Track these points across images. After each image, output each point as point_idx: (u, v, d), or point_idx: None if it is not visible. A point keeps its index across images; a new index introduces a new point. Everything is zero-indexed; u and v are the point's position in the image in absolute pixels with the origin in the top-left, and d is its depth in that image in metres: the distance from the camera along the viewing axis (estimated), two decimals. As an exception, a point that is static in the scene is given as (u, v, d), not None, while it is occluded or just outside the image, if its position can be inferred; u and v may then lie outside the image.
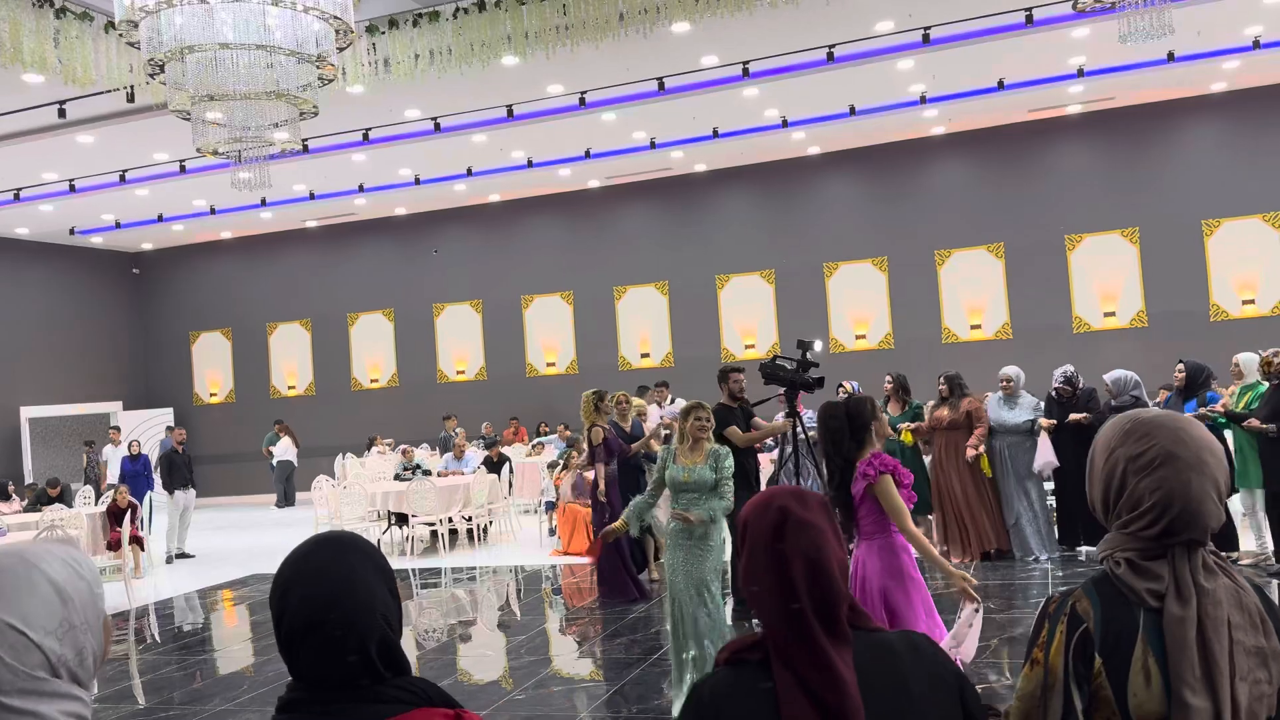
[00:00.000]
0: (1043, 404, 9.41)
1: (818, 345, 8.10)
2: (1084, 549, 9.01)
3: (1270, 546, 8.15)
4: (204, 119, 8.21)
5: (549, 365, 18.70)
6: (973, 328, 16.31)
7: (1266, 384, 7.97)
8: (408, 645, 8.28)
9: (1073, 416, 8.84)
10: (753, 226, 17.50)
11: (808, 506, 1.61)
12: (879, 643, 1.61)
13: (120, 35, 7.10)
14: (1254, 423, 7.58)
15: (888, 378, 9.97)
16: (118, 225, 18.66)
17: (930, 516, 9.56)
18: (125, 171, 14.89)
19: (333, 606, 1.49)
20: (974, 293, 16.30)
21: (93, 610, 1.38)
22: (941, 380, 9.57)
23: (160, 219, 18.33)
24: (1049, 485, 9.49)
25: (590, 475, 10.03)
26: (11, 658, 1.29)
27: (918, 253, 16.56)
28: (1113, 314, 15.67)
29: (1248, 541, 8.61)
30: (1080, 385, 9.22)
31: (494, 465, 13.53)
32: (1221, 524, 1.71)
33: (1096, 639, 1.63)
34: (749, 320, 17.46)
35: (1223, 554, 1.72)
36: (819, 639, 1.53)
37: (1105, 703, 1.62)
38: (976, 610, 4.19)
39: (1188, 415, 1.77)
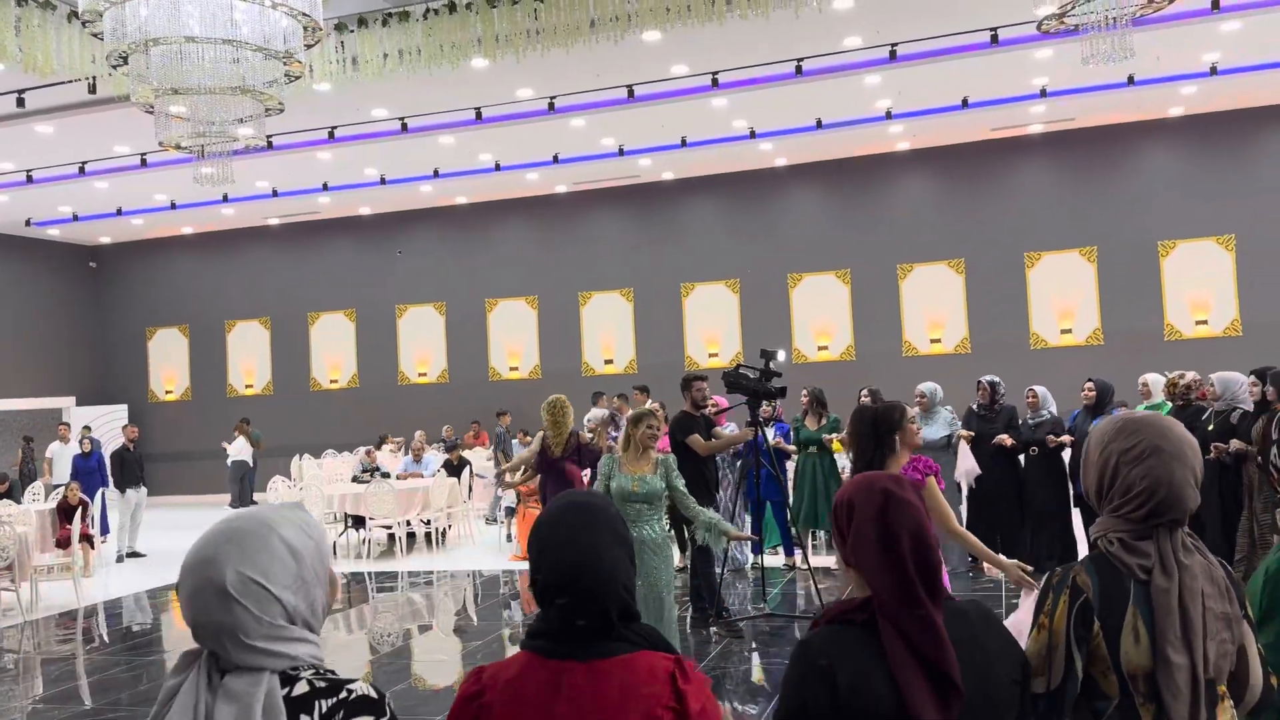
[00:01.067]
0: (958, 419, 9.49)
1: (781, 355, 8.16)
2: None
3: None
4: (167, 112, 8.12)
5: (512, 369, 18.65)
6: (933, 341, 16.49)
7: (1170, 404, 8.26)
8: (361, 649, 8.22)
9: (1000, 439, 8.91)
10: (719, 235, 17.58)
11: (904, 488, 1.85)
12: (955, 609, 1.85)
13: (84, 25, 7.00)
14: None
15: (804, 392, 10.07)
16: (75, 218, 18.37)
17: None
18: (85, 163, 14.67)
19: (578, 578, 1.70)
20: (935, 307, 16.48)
21: (321, 566, 1.61)
22: (865, 393, 9.69)
23: (119, 212, 18.07)
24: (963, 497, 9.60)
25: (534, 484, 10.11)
26: (257, 609, 1.51)
27: (880, 266, 16.72)
28: (1069, 331, 15.91)
29: None
30: (1002, 400, 9.29)
31: (454, 469, 13.46)
32: (1198, 506, 1.98)
33: (1095, 606, 1.92)
34: (713, 328, 17.52)
35: (1195, 535, 2.00)
36: (924, 601, 1.75)
37: (1101, 659, 1.92)
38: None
39: (1167, 416, 2.05)
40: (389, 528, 12.20)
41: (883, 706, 1.70)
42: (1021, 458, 9.15)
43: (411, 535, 12.65)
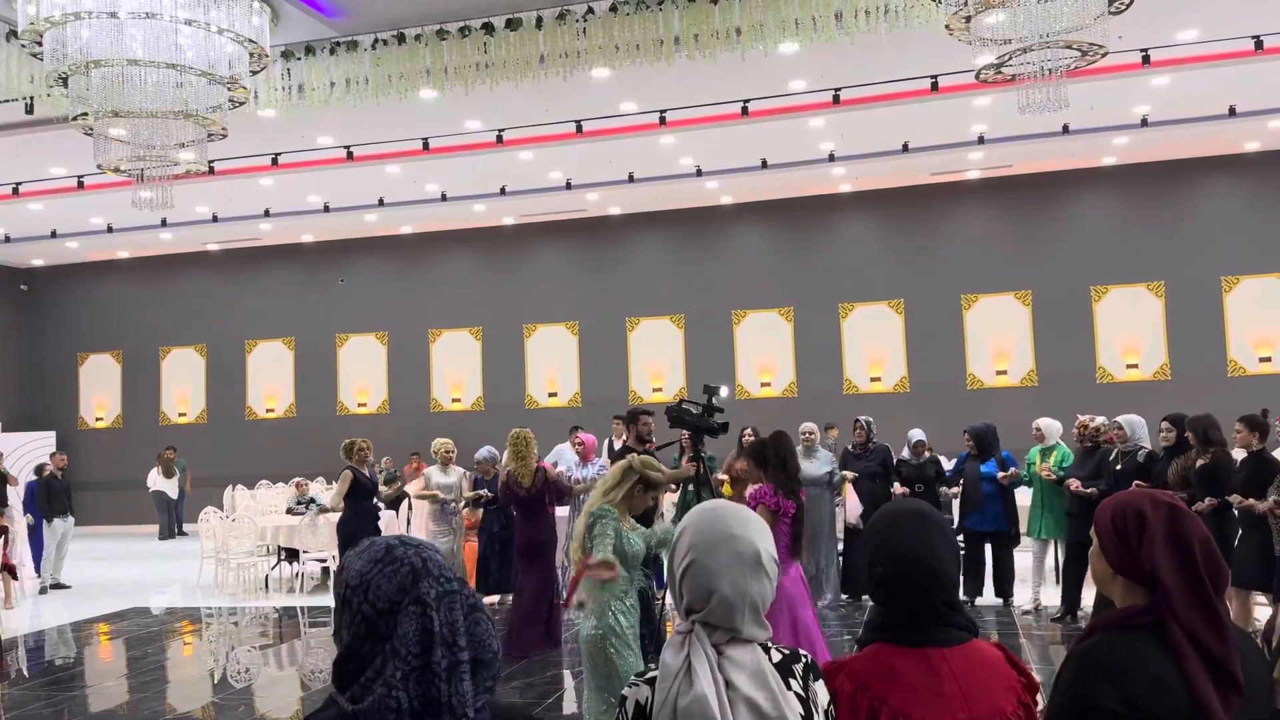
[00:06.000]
0: (835, 458, 9.79)
1: (724, 391, 8.19)
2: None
3: (1039, 596, 9.00)
4: (107, 135, 7.99)
5: (454, 401, 18.50)
6: (873, 380, 16.70)
7: (1062, 445, 8.83)
8: (292, 685, 8.03)
9: (897, 490, 9.31)
10: (664, 271, 17.69)
11: (1179, 501, 2.03)
12: None
13: (23, 45, 6.88)
14: (1075, 485, 8.23)
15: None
16: (7, 239, 17.93)
17: None
18: (19, 184, 14.35)
19: (913, 567, 1.94)
20: (875, 346, 16.72)
21: None
22: (750, 431, 9.80)
23: (54, 235, 17.68)
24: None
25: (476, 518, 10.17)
26: (774, 581, 1.84)
27: (822, 304, 16.93)
28: (1004, 372, 16.22)
29: (1024, 591, 9.30)
30: (873, 440, 9.72)
31: (392, 501, 13.25)
32: None
33: None
34: (657, 363, 17.57)
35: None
36: (1213, 601, 1.89)
37: None
38: None
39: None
40: (324, 561, 11.97)
41: (1179, 705, 1.83)
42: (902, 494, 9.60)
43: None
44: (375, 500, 9.70)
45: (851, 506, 9.56)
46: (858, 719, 1.88)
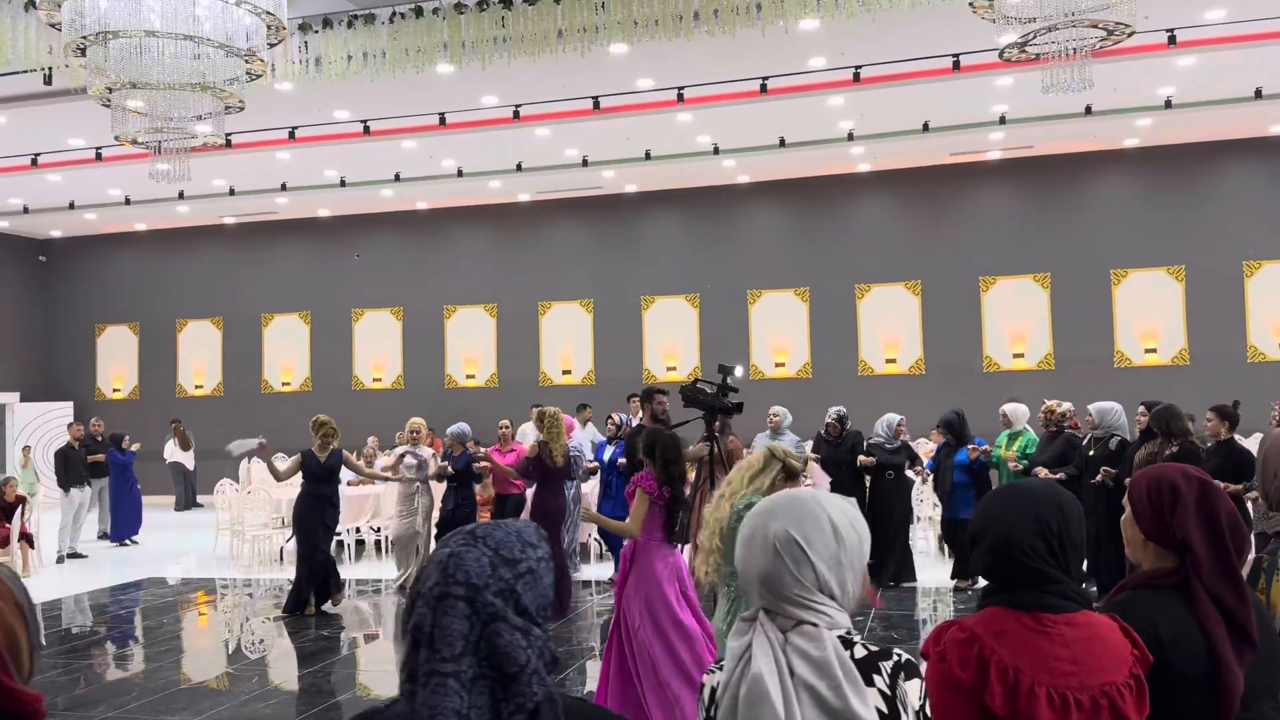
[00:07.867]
0: (805, 442, 10.00)
1: (738, 370, 8.19)
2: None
3: None
4: (125, 107, 7.98)
5: (468, 377, 18.53)
6: (888, 361, 16.63)
7: (1028, 431, 9.10)
8: (306, 657, 8.09)
9: (865, 460, 9.58)
10: (680, 249, 17.62)
11: (1209, 477, 2.26)
12: None
13: (43, 16, 6.87)
14: (1043, 472, 8.46)
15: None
16: (26, 210, 17.99)
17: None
18: (38, 155, 14.39)
19: (986, 530, 2.03)
20: (891, 327, 16.63)
21: (859, 557, 1.85)
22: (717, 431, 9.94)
23: (72, 206, 17.74)
24: None
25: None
26: (793, 566, 1.79)
27: (839, 285, 16.85)
28: (1021, 355, 16.13)
29: None
30: (849, 426, 9.93)
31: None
32: None
33: None
34: (672, 342, 17.54)
35: None
36: (1237, 568, 2.14)
37: None
38: None
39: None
40: (338, 534, 12.03)
41: (1197, 657, 2.07)
42: (867, 477, 9.87)
43: (360, 543, 12.48)
44: (335, 484, 9.85)
45: (821, 484, 9.67)
46: (968, 666, 1.93)
